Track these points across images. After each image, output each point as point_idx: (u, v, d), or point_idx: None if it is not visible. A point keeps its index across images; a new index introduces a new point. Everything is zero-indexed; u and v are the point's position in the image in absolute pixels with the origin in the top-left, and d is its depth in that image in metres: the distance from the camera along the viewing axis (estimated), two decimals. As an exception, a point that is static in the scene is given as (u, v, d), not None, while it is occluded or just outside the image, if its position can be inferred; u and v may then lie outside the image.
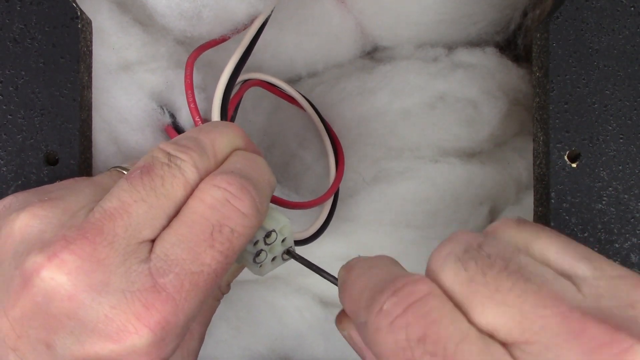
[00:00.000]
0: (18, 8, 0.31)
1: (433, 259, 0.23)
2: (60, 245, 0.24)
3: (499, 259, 0.22)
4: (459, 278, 0.22)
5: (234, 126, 0.29)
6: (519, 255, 0.23)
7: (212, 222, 0.25)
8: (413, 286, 0.22)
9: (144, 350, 0.24)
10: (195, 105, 0.33)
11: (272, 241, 0.28)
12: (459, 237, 0.24)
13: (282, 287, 0.41)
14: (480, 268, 0.22)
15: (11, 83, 0.31)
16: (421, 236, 0.40)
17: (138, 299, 0.23)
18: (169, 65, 0.36)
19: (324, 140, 0.41)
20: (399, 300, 0.21)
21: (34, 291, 0.24)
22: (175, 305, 0.24)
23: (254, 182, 0.26)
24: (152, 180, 0.25)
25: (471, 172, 0.41)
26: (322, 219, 0.38)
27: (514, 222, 0.25)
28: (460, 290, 0.22)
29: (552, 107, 0.32)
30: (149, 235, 0.25)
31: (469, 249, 0.23)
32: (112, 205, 0.25)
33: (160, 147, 0.27)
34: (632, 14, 0.32)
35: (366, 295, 0.23)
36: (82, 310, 0.23)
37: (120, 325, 0.23)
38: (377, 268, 0.24)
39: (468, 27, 0.42)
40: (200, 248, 0.24)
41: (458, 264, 0.22)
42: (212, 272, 0.25)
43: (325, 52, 0.42)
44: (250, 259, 0.28)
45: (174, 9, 0.34)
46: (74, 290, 0.23)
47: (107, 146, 0.35)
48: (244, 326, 0.40)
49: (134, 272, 0.24)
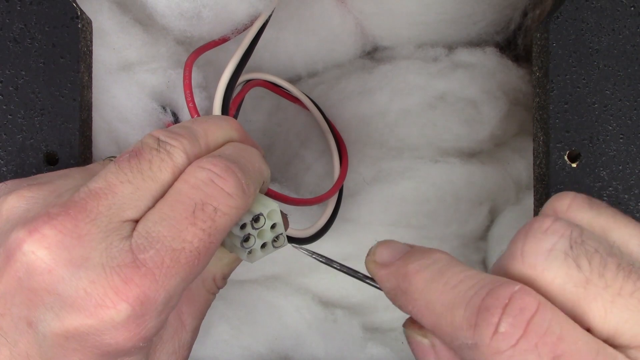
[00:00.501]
0: (18, 8, 0.31)
1: (531, 254, 0.21)
2: (42, 220, 0.24)
3: (608, 255, 0.20)
4: (573, 279, 0.20)
5: (231, 119, 0.29)
6: (618, 248, 0.21)
7: (195, 201, 0.25)
8: (522, 300, 0.20)
9: (123, 325, 0.23)
10: (194, 105, 0.33)
11: (261, 226, 0.28)
12: (556, 228, 0.21)
13: (282, 287, 0.41)
14: (595, 268, 0.20)
15: (11, 83, 0.31)
16: (421, 236, 0.40)
17: (117, 274, 0.23)
18: (169, 65, 0.36)
19: (328, 139, 0.41)
20: (514, 320, 0.20)
21: (17, 266, 0.24)
22: (155, 280, 0.23)
23: (241, 165, 0.26)
24: (139, 163, 0.25)
25: (471, 172, 0.41)
26: (325, 217, 0.38)
27: (585, 201, 0.22)
28: (574, 292, 0.20)
29: (552, 107, 0.32)
30: (132, 215, 0.25)
31: (574, 244, 0.21)
32: (98, 185, 0.25)
33: (152, 134, 0.27)
34: (632, 14, 0.32)
35: (461, 313, 0.21)
36: (62, 285, 0.23)
37: (99, 300, 0.23)
38: (448, 271, 0.22)
39: (468, 27, 0.42)
40: (182, 225, 0.24)
41: (569, 262, 0.20)
42: (195, 250, 0.24)
43: (325, 52, 0.42)
44: (238, 244, 0.28)
45: (174, 9, 0.34)
46: (54, 264, 0.23)
47: (107, 146, 0.35)
48: (244, 326, 0.40)
49: (114, 248, 0.24)
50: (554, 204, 0.23)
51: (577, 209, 0.22)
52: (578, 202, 0.23)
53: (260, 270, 0.40)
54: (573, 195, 0.23)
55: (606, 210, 0.22)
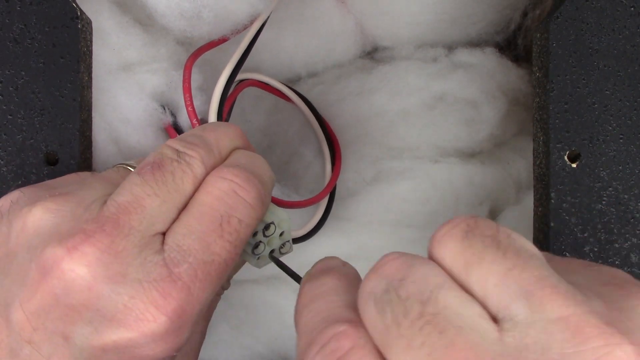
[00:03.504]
0: (18, 8, 0.31)
1: (359, 295, 0.21)
2: (80, 238, 0.24)
3: (416, 302, 0.20)
4: (378, 326, 0.20)
5: (235, 127, 0.30)
6: (442, 291, 0.20)
7: (221, 213, 0.26)
8: (337, 342, 0.20)
9: (162, 337, 0.24)
10: (192, 108, 0.34)
11: (271, 234, 0.29)
12: (384, 269, 0.21)
13: (282, 287, 0.41)
14: (395, 316, 0.20)
15: (11, 83, 0.31)
16: (421, 236, 0.40)
17: (155, 288, 0.24)
18: (170, 65, 0.36)
19: (320, 140, 0.41)
20: (323, 358, 0.20)
21: (54, 283, 0.24)
22: (190, 293, 0.24)
23: (258, 175, 0.27)
24: (163, 175, 0.26)
25: (471, 172, 0.41)
26: (316, 218, 0.39)
27: (460, 233, 0.21)
28: (379, 339, 0.20)
29: (552, 107, 0.32)
30: (161, 227, 0.25)
31: (389, 288, 0.20)
32: (126, 199, 0.25)
33: (169, 145, 0.27)
34: (632, 14, 0.32)
35: (304, 340, 0.22)
36: (101, 301, 0.24)
37: (139, 314, 0.24)
38: (320, 300, 0.23)
39: (468, 27, 0.42)
40: (211, 238, 0.25)
41: (377, 307, 0.20)
42: (223, 262, 0.25)
43: (325, 52, 0.42)
44: (249, 250, 0.29)
45: (174, 9, 0.34)
46: (94, 281, 0.24)
47: (107, 146, 0.35)
48: (244, 326, 0.40)
49: (149, 262, 0.24)
50: (436, 231, 0.22)
51: (448, 240, 0.21)
52: (453, 233, 0.21)
53: (260, 270, 0.40)
54: (453, 225, 0.22)
55: (478, 244, 0.21)
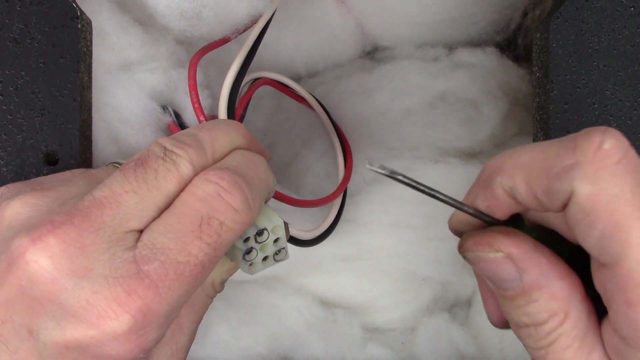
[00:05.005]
0: (18, 8, 0.31)
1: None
2: (46, 228, 0.24)
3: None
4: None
5: (238, 125, 0.29)
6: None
7: (202, 214, 0.25)
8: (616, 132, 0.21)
9: (124, 336, 0.23)
10: (199, 105, 0.33)
11: (264, 240, 0.28)
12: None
13: (282, 287, 0.41)
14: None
15: (11, 83, 0.31)
16: (421, 236, 0.40)
17: (120, 285, 0.23)
18: (169, 65, 0.36)
19: (333, 140, 0.40)
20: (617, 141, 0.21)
21: (19, 274, 0.23)
22: (158, 292, 0.23)
23: (248, 179, 0.26)
24: (145, 172, 0.25)
25: (471, 172, 0.41)
26: (330, 219, 0.38)
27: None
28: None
29: (552, 107, 0.32)
30: (136, 225, 0.25)
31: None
32: (103, 194, 0.25)
33: (158, 141, 0.26)
34: (632, 14, 0.32)
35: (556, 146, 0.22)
36: (64, 295, 0.23)
37: (101, 311, 0.23)
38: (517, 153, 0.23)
39: (468, 27, 0.42)
40: (188, 238, 0.24)
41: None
42: (199, 264, 0.24)
43: (326, 52, 0.42)
44: (239, 256, 0.28)
45: (174, 9, 0.34)
46: (57, 274, 0.23)
47: (107, 146, 0.35)
48: (244, 326, 0.40)
49: (118, 259, 0.24)
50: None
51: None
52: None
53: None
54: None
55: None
